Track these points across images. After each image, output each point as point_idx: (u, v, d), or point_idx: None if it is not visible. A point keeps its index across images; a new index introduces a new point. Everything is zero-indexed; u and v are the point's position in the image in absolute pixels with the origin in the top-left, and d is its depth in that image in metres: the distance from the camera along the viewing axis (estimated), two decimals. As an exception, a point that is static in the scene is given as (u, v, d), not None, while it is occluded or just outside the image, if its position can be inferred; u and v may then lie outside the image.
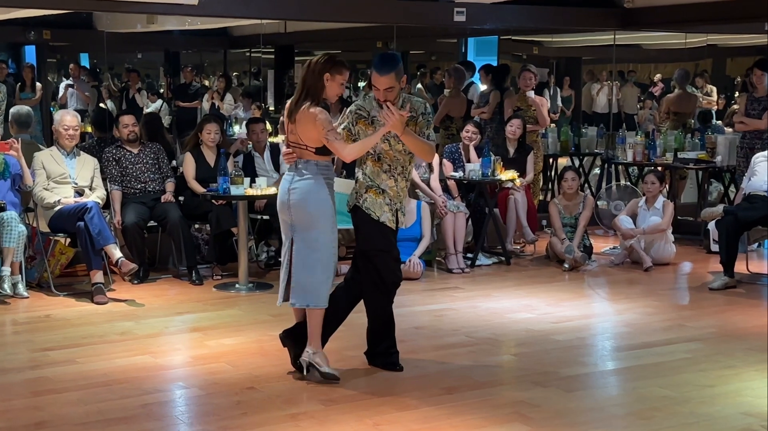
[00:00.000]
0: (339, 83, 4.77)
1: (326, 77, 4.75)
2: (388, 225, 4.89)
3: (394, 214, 4.94)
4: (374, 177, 4.92)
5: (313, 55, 21.03)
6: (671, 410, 4.48)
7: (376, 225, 4.89)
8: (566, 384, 4.89)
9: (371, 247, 4.95)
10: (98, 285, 6.67)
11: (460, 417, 4.33)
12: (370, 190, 4.91)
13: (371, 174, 4.92)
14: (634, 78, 16.62)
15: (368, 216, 4.90)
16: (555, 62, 16.88)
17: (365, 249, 4.99)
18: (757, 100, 8.63)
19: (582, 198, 8.29)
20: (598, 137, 11.35)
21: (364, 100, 4.96)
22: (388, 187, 4.91)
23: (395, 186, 4.94)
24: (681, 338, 5.81)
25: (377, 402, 4.54)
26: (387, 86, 4.74)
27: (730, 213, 7.39)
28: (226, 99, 14.19)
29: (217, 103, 14.01)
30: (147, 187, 7.51)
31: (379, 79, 4.76)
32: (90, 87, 14.33)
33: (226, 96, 14.30)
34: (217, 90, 14.50)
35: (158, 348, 5.54)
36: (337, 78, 4.76)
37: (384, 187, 4.91)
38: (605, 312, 6.76)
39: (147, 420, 4.32)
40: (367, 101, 4.93)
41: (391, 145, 4.88)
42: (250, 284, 7.12)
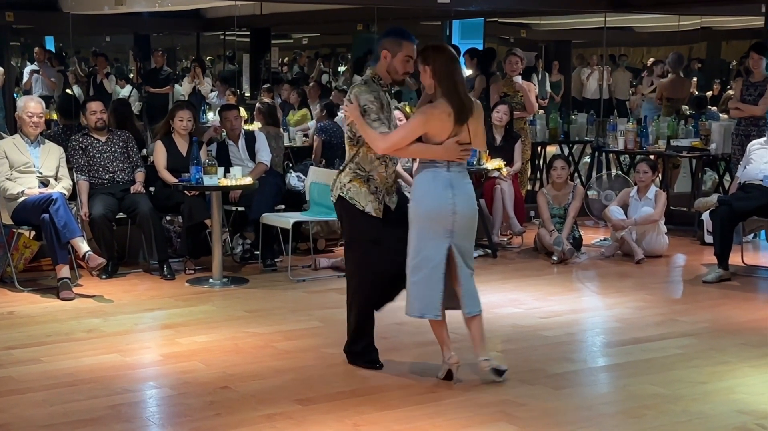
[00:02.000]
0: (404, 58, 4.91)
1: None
2: (373, 215, 4.88)
3: (381, 201, 4.91)
4: (366, 164, 4.89)
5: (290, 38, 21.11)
6: (663, 408, 4.51)
7: (362, 216, 4.89)
8: (554, 381, 4.91)
9: (357, 238, 4.97)
10: (64, 280, 6.63)
11: (444, 417, 4.34)
12: (355, 180, 4.90)
13: (363, 161, 4.90)
14: (625, 62, 16.69)
15: (353, 207, 4.90)
16: (543, 46, 16.91)
17: (350, 240, 5.04)
18: (753, 85, 8.68)
19: (571, 188, 8.32)
20: (589, 124, 11.39)
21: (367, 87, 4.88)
22: (377, 173, 4.89)
23: (384, 172, 4.93)
24: (673, 333, 5.85)
25: (357, 401, 4.55)
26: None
27: (725, 203, 7.43)
28: (206, 79, 14.17)
29: (198, 85, 13.97)
30: (115, 177, 7.47)
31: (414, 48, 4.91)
32: (56, 72, 14.21)
33: (206, 77, 14.28)
34: (196, 71, 14.46)
35: (127, 347, 5.52)
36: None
37: (373, 173, 4.89)
38: (595, 306, 6.80)
39: (116, 422, 4.30)
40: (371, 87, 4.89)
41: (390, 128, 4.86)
42: (225, 279, 7.11)
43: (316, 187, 7.67)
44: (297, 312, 6.31)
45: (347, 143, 4.97)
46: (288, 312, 6.33)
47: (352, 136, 4.91)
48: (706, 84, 16.42)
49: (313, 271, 7.55)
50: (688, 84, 12.33)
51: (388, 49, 4.90)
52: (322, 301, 6.63)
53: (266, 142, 8.15)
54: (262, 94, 12.44)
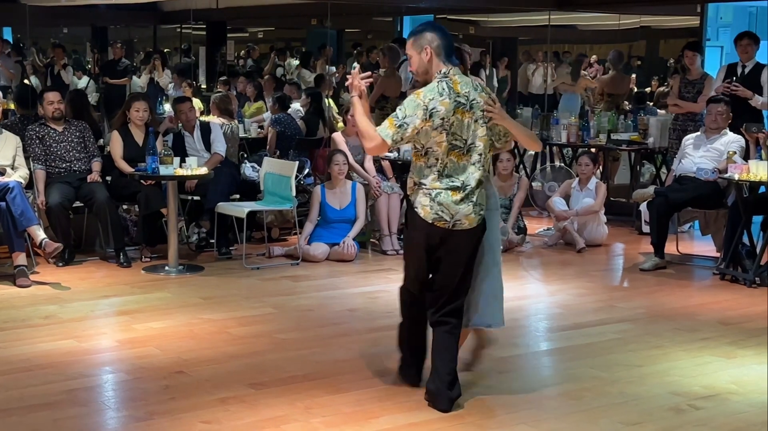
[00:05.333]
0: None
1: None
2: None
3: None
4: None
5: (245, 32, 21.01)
6: (601, 390, 4.57)
7: None
8: (499, 365, 4.93)
9: None
10: (21, 267, 6.53)
11: (393, 400, 4.34)
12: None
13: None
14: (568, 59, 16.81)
15: None
16: (491, 42, 16.97)
17: None
18: (691, 83, 8.79)
19: (516, 179, 8.37)
20: (533, 118, 11.45)
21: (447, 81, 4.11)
22: None
23: None
24: (612, 319, 5.92)
25: (309, 385, 4.54)
26: (406, 53, 4.32)
27: (661, 194, 7.53)
28: (166, 72, 14.02)
29: (156, 77, 13.80)
30: (72, 167, 7.36)
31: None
32: (13, 62, 13.95)
33: (166, 70, 14.13)
34: (155, 64, 14.30)
35: (84, 332, 5.45)
36: None
37: None
38: (538, 293, 6.85)
39: (71, 406, 4.25)
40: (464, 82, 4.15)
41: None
42: (180, 266, 7.05)
43: (271, 177, 7.62)
44: (251, 299, 6.27)
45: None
46: (242, 298, 6.30)
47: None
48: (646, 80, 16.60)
49: (267, 259, 7.52)
50: (627, 80, 12.47)
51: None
52: (276, 288, 6.60)
53: (221, 133, 8.09)
54: (218, 86, 12.34)
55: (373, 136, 4.06)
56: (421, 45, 4.15)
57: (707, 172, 7.42)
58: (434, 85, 4.11)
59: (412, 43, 4.19)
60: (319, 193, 7.62)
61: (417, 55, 4.17)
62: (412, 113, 4.04)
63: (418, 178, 4.18)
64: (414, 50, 4.18)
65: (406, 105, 4.08)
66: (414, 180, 4.19)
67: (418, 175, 4.18)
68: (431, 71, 4.16)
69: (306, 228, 7.57)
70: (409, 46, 4.20)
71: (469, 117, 4.10)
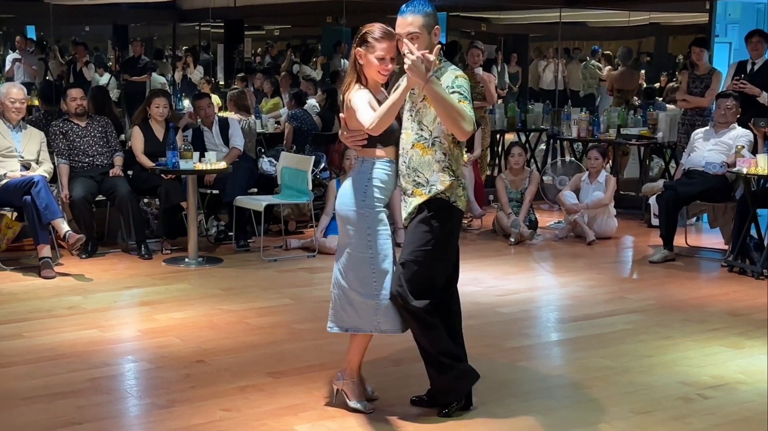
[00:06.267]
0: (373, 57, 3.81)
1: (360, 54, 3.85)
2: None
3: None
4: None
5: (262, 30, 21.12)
6: (611, 380, 4.56)
7: None
8: (510, 355, 4.94)
9: None
10: (46, 259, 6.57)
11: (408, 389, 4.35)
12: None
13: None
14: (579, 55, 16.76)
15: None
16: (503, 39, 16.94)
17: None
18: (699, 78, 8.75)
19: (528, 173, 8.36)
20: (544, 113, 11.44)
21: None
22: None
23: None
24: (622, 310, 5.91)
25: (326, 374, 4.54)
26: (409, 30, 3.70)
27: (670, 188, 7.51)
28: (198, 69, 14.08)
29: (188, 73, 13.86)
30: (95, 161, 7.40)
31: (399, 20, 3.77)
32: (37, 60, 14.02)
33: (198, 66, 14.19)
34: (186, 60, 14.36)
35: (107, 323, 5.48)
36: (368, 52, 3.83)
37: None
38: (549, 285, 6.84)
39: (95, 394, 4.27)
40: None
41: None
42: (200, 258, 7.07)
43: (287, 172, 7.64)
44: (269, 290, 6.29)
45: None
46: (260, 290, 6.31)
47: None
48: (654, 76, 16.54)
49: (284, 251, 7.53)
50: (636, 76, 12.43)
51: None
52: (293, 280, 6.61)
53: (239, 128, 8.10)
54: (236, 82, 12.36)
55: (471, 118, 3.66)
56: (432, 24, 3.75)
57: (716, 165, 7.39)
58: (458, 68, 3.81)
59: (424, 21, 3.71)
60: (334, 186, 7.62)
61: (428, 35, 3.73)
62: (469, 97, 3.72)
63: (455, 168, 3.83)
64: (425, 30, 3.72)
65: (465, 88, 3.71)
66: (449, 174, 3.80)
67: (455, 165, 3.83)
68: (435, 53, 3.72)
69: (322, 221, 7.58)
70: (419, 24, 3.70)
71: None
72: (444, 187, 3.81)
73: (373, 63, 3.80)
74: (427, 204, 3.84)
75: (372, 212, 3.87)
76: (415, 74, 3.59)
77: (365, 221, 3.87)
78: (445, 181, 3.81)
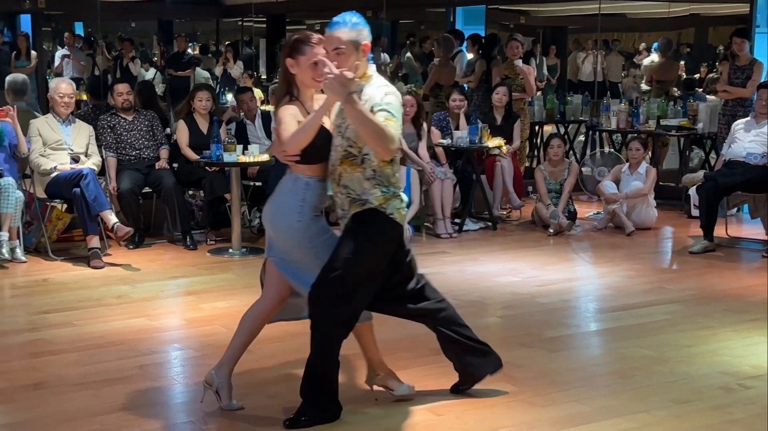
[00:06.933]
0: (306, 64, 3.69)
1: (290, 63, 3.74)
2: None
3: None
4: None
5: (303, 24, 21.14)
6: (651, 369, 4.52)
7: None
8: (550, 344, 4.92)
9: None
10: (94, 250, 6.66)
11: (449, 377, 4.34)
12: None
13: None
14: (618, 47, 16.59)
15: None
16: (541, 31, 16.82)
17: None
18: (740, 69, 8.63)
19: (567, 164, 8.30)
20: (583, 105, 11.34)
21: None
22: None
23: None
24: (661, 300, 5.85)
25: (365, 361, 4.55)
26: (335, 46, 3.60)
27: (711, 179, 7.41)
28: (238, 64, 14.16)
29: (229, 68, 13.95)
30: (141, 154, 7.48)
31: (328, 35, 3.64)
32: (85, 55, 14.21)
33: (238, 62, 14.28)
34: (226, 55, 14.46)
35: (154, 311, 5.55)
36: (300, 59, 3.71)
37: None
38: (588, 275, 6.80)
39: (143, 381, 4.33)
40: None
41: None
42: (243, 249, 7.12)
43: (329, 164, 7.65)
44: (311, 280, 6.30)
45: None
46: (302, 279, 6.33)
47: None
48: (694, 67, 16.32)
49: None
50: (676, 67, 12.26)
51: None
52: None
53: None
54: (278, 76, 12.41)
55: (393, 137, 3.51)
56: (360, 41, 3.60)
57: (756, 156, 7.28)
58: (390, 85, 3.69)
59: (350, 37, 3.58)
60: (375, 178, 7.62)
61: (354, 51, 3.59)
62: (399, 115, 3.60)
63: (389, 184, 3.68)
64: (352, 45, 3.58)
65: (394, 105, 3.57)
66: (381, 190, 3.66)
67: (387, 180, 3.68)
68: (360, 71, 3.62)
69: (363, 213, 7.58)
70: (345, 40, 3.58)
71: None
72: (379, 202, 3.66)
73: (307, 70, 3.67)
74: (362, 214, 3.68)
75: (310, 225, 3.76)
76: (332, 93, 3.50)
77: (306, 235, 3.76)
78: (378, 196, 3.66)
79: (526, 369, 4.49)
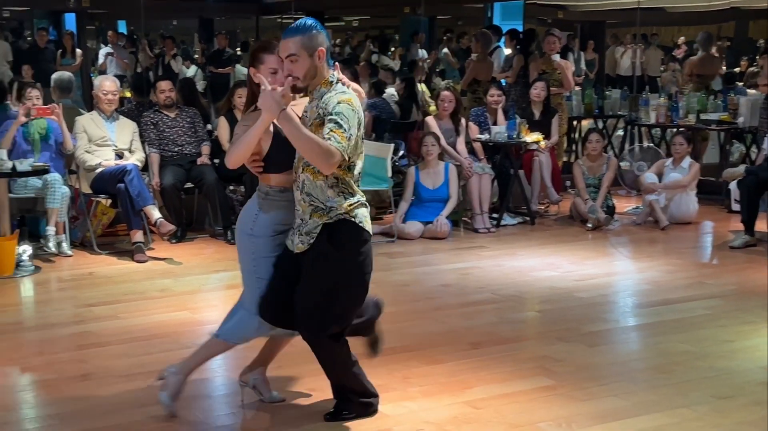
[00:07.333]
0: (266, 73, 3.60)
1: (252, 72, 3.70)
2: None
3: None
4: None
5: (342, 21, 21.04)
6: (691, 364, 4.47)
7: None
8: (589, 339, 4.88)
9: None
10: (138, 244, 6.74)
11: (486, 371, 4.34)
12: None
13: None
14: (657, 41, 16.40)
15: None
16: (579, 26, 16.68)
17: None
18: (781, 62, 8.49)
19: (606, 159, 8.23)
20: (622, 99, 11.23)
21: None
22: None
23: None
24: (701, 295, 5.78)
25: (406, 356, 4.57)
26: (288, 53, 3.48)
27: (752, 173, 7.30)
28: None
29: None
30: (184, 150, 7.54)
31: (281, 43, 3.52)
32: (128, 53, 14.36)
33: None
34: None
35: (196, 305, 5.60)
36: (261, 68, 3.64)
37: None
38: (627, 270, 6.73)
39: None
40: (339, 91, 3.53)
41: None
42: (283, 243, 7.15)
43: (367, 159, 7.60)
44: (350, 274, 6.32)
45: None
46: (342, 274, 6.35)
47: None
48: (735, 61, 16.08)
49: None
50: (717, 61, 12.08)
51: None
52: (373, 264, 6.62)
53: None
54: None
55: (333, 151, 3.35)
56: (314, 46, 3.47)
57: (799, 150, 7.16)
58: (348, 91, 3.54)
59: (303, 43, 3.45)
60: (413, 173, 7.63)
61: (308, 57, 3.46)
62: (353, 123, 3.43)
63: (353, 191, 3.58)
64: (305, 51, 3.45)
65: (345, 114, 3.42)
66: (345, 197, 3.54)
67: (350, 188, 3.56)
68: (318, 76, 3.51)
69: (401, 207, 7.60)
70: (297, 47, 3.45)
71: None
72: (344, 210, 3.54)
73: (268, 79, 3.55)
74: (331, 227, 3.55)
75: (259, 240, 3.68)
76: (265, 110, 3.42)
77: (252, 246, 3.70)
78: (342, 204, 3.54)
79: (565, 364, 4.46)
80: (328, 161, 3.36)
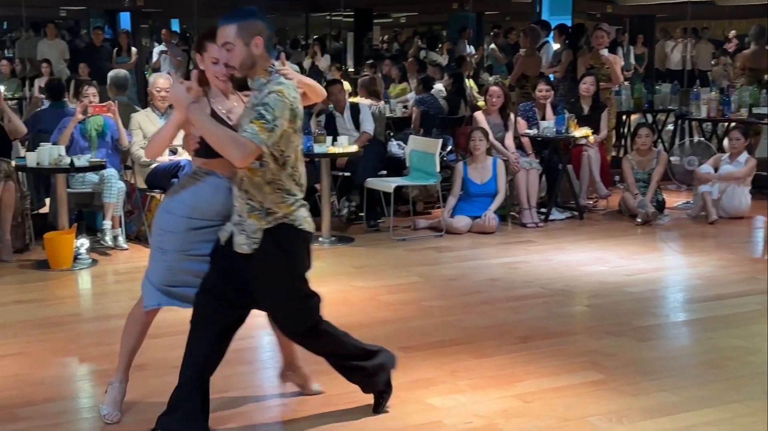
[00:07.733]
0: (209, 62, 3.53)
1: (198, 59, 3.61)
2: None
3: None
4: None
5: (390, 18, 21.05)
6: (744, 359, 4.39)
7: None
8: (639, 334, 4.82)
9: None
10: (190, 238, 6.79)
11: (535, 365, 4.31)
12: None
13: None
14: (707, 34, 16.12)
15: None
16: (628, 20, 16.47)
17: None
18: (835, 55, 8.29)
19: (655, 154, 8.11)
20: (672, 94, 11.07)
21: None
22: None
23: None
24: (754, 290, 5.67)
25: (454, 350, 4.55)
26: (223, 41, 3.37)
27: (806, 167, 7.14)
28: (325, 57, 14.31)
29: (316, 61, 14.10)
30: (235, 146, 7.59)
31: (218, 30, 3.41)
32: (181, 51, 14.51)
33: (325, 55, 14.42)
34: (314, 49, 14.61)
35: (248, 298, 5.63)
36: (204, 56, 3.57)
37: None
38: (678, 265, 6.64)
39: (239, 364, 4.41)
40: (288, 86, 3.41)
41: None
42: (333, 237, 7.18)
43: (416, 155, 7.66)
44: (398, 269, 6.33)
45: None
46: (390, 268, 6.37)
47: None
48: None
49: (413, 231, 7.57)
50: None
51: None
52: (421, 259, 6.64)
53: (370, 113, 8.17)
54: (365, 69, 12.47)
55: (245, 143, 3.25)
56: (251, 34, 3.34)
57: None
58: (286, 82, 3.39)
59: (239, 31, 3.34)
60: (461, 168, 7.60)
61: (244, 46, 3.33)
62: (280, 115, 3.29)
63: (290, 188, 3.47)
64: (240, 40, 3.33)
65: (272, 105, 3.28)
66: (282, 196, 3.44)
67: (290, 185, 3.46)
68: (258, 66, 3.38)
69: (449, 202, 7.58)
70: (233, 35, 3.33)
71: None
72: (282, 212, 3.44)
73: (209, 67, 3.52)
74: (275, 232, 3.45)
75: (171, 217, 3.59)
76: (174, 102, 3.42)
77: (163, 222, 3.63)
78: (281, 205, 3.44)
79: (615, 358, 4.41)
80: (239, 153, 3.25)
